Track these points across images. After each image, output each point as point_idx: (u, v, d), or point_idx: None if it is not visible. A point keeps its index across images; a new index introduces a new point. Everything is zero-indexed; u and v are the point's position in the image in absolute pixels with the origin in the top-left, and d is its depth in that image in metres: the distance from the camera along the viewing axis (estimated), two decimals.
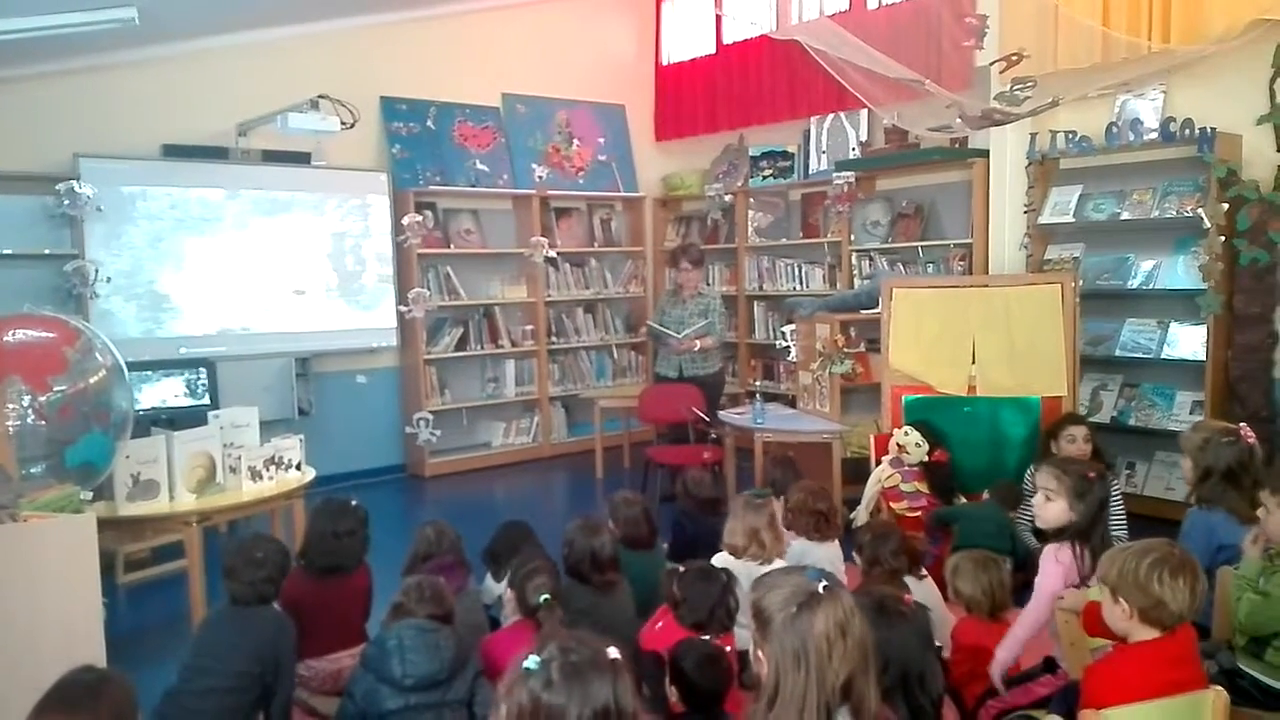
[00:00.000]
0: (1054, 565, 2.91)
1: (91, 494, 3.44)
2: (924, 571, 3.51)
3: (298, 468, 4.41)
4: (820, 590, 1.74)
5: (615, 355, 8.41)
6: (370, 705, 2.57)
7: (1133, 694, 2.10)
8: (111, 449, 3.56)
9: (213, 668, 2.85)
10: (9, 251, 5.60)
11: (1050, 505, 3.02)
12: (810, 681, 1.66)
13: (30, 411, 3.29)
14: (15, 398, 3.25)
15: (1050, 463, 3.24)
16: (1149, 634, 2.18)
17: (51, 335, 3.55)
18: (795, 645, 1.69)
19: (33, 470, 3.42)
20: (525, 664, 1.57)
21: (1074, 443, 4.50)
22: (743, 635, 2.77)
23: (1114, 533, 4.04)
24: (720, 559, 3.49)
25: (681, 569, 3.13)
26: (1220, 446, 3.41)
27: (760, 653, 1.76)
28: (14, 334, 3.47)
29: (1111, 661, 2.27)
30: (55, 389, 3.34)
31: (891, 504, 4.79)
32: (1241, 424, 3.65)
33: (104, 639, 3.22)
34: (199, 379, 5.86)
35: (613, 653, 1.63)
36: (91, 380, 3.48)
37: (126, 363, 3.87)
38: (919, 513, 4.69)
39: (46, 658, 3.05)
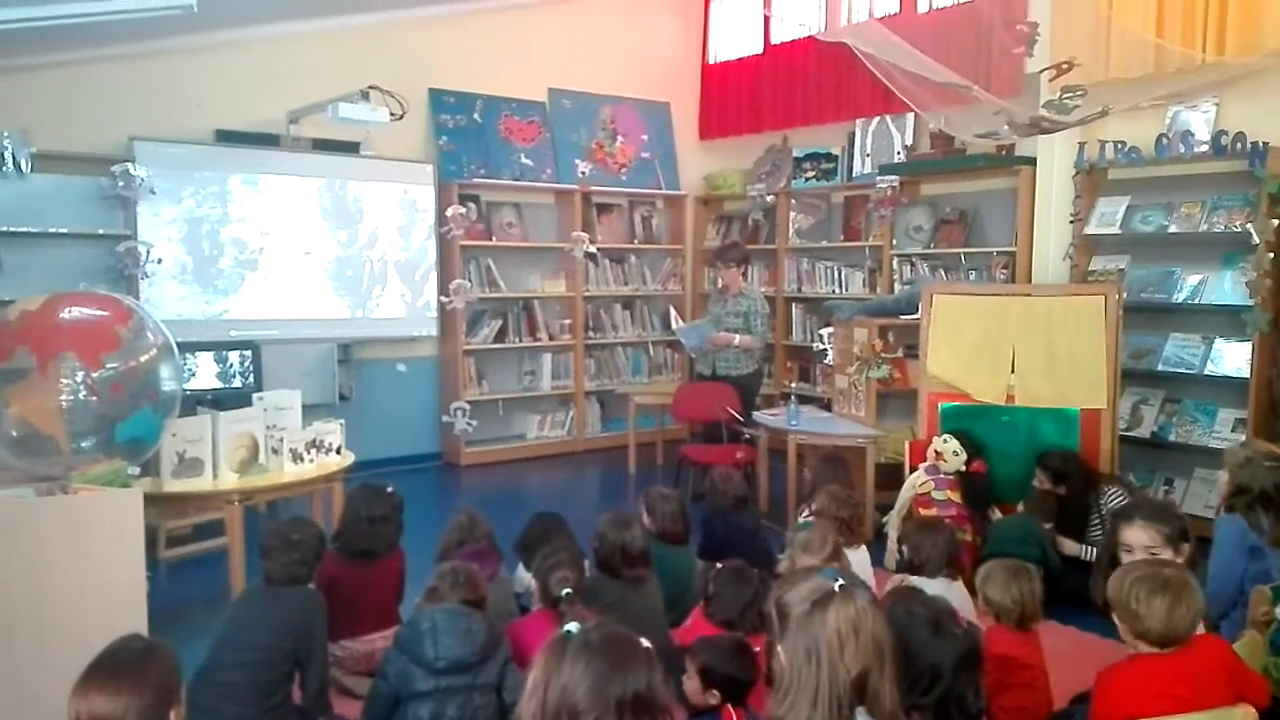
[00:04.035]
0: None
1: (139, 469, 3.53)
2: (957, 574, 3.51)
3: (338, 451, 4.48)
4: (836, 589, 1.77)
5: (651, 352, 8.44)
6: (402, 686, 2.62)
7: (1137, 703, 2.11)
8: (160, 426, 3.66)
9: (244, 641, 2.92)
10: (64, 230, 5.73)
11: None
12: (821, 675, 1.71)
13: (82, 387, 3.38)
14: (69, 373, 3.34)
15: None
16: (1149, 649, 2.25)
17: (105, 313, 3.65)
18: (808, 641, 1.75)
19: (83, 444, 3.52)
20: (562, 631, 1.61)
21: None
22: None
23: None
24: None
25: (719, 566, 3.15)
26: (1261, 468, 3.39)
27: (779, 647, 1.79)
28: (69, 311, 3.57)
29: (1118, 669, 2.29)
30: (108, 365, 3.43)
31: (922, 510, 4.78)
32: None
33: (146, 611, 3.31)
34: (244, 361, 5.98)
35: (644, 642, 1.67)
36: (143, 359, 3.57)
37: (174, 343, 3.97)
38: (948, 521, 4.67)
39: (91, 627, 3.12)
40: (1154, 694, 2.15)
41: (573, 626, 1.67)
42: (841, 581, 1.78)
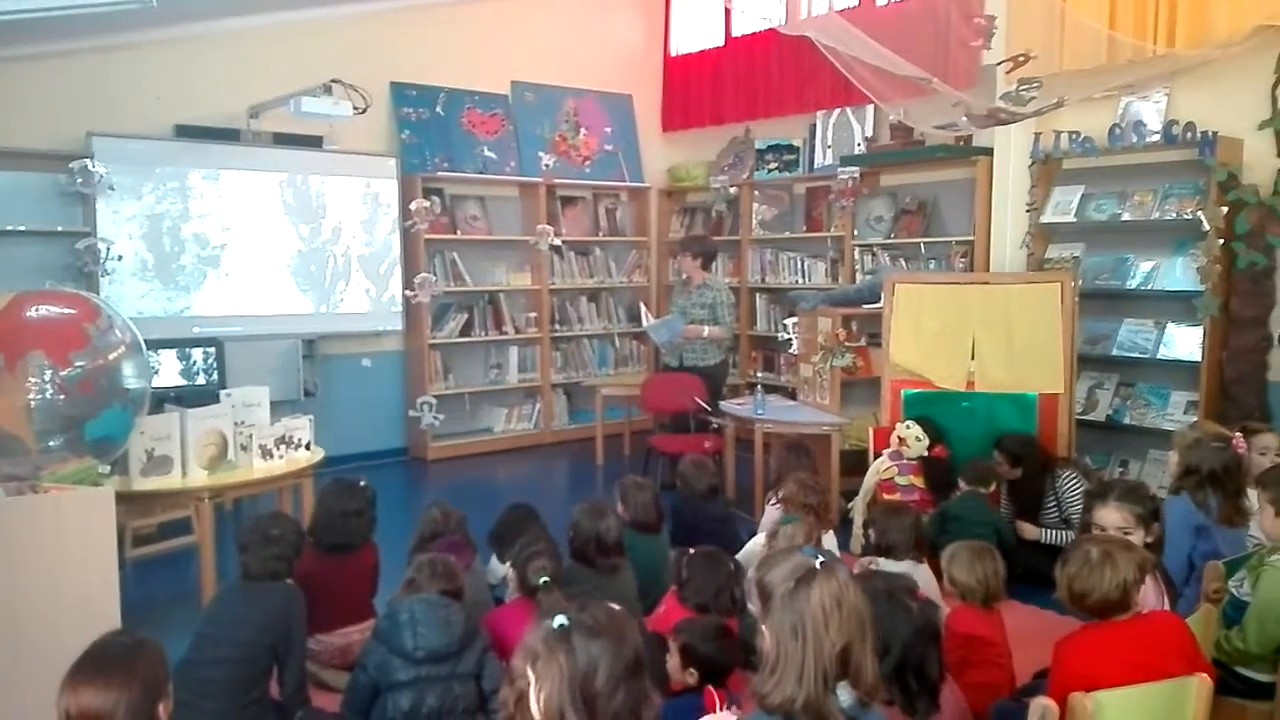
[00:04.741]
0: None
1: (109, 468, 3.51)
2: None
3: (307, 447, 4.48)
4: (817, 566, 1.83)
5: (617, 344, 8.49)
6: (382, 676, 2.65)
7: (1094, 670, 2.23)
8: (130, 424, 3.64)
9: (223, 637, 2.93)
10: (22, 228, 5.66)
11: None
12: (807, 650, 1.76)
13: (50, 385, 3.36)
14: (37, 371, 3.32)
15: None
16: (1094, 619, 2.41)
17: (73, 311, 3.62)
18: (793, 617, 1.79)
19: (50, 444, 3.49)
20: (555, 624, 1.64)
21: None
22: None
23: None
24: None
25: (691, 551, 3.21)
26: (1209, 449, 3.51)
27: (763, 626, 1.85)
28: (36, 309, 3.54)
29: (1074, 638, 2.40)
30: (76, 364, 3.41)
31: (886, 495, 4.87)
32: (1237, 433, 3.74)
33: (119, 609, 3.30)
34: (207, 359, 5.93)
35: (618, 607, 1.72)
36: (111, 356, 3.55)
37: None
38: (912, 505, 4.77)
39: (65, 626, 3.13)
40: (1110, 661, 2.24)
41: (561, 619, 1.67)
42: (821, 559, 1.83)
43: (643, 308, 6.92)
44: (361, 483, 3.72)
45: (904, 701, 2.43)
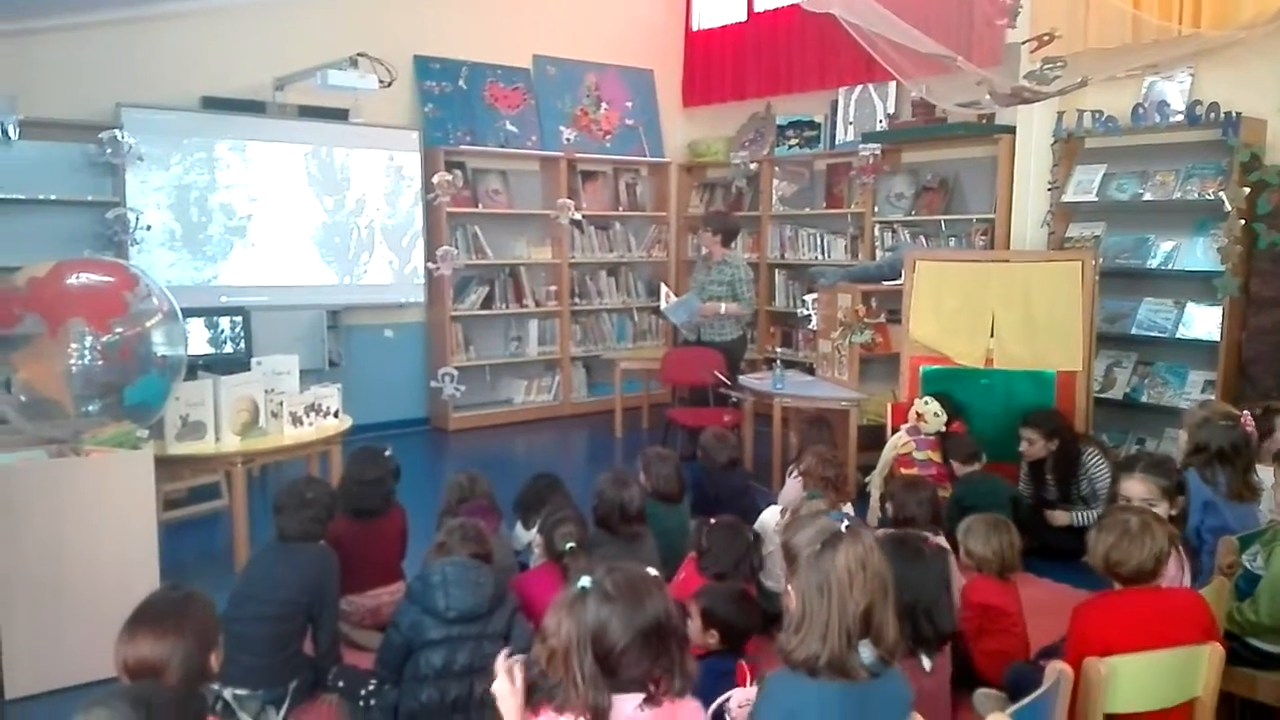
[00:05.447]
0: None
1: (147, 432, 3.61)
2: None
3: (336, 415, 4.57)
4: (843, 529, 1.91)
5: (636, 318, 8.55)
6: (415, 635, 2.74)
7: (1111, 634, 2.30)
8: (167, 390, 3.73)
9: (263, 596, 3.04)
10: (53, 197, 5.74)
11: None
12: (832, 609, 1.85)
13: (90, 352, 3.45)
14: (78, 338, 3.41)
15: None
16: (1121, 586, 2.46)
17: (112, 279, 3.71)
18: (819, 578, 1.88)
19: (89, 408, 3.59)
20: (580, 584, 1.74)
21: None
22: None
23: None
24: None
25: (712, 521, 3.29)
26: (1217, 428, 3.56)
27: (789, 586, 1.92)
28: (77, 277, 3.63)
29: (1093, 602, 2.47)
30: (115, 331, 3.50)
31: (903, 470, 4.93)
32: (1245, 412, 3.78)
33: (159, 568, 3.41)
34: (234, 327, 6.01)
35: (652, 571, 1.80)
36: (148, 324, 3.64)
37: None
38: (929, 479, 4.82)
39: (105, 584, 3.26)
40: (1126, 627, 2.30)
41: (585, 581, 1.78)
42: (847, 523, 1.91)
43: (662, 288, 6.96)
44: (387, 451, 3.81)
45: (913, 641, 2.50)
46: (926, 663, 2.50)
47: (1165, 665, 2.29)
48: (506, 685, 1.82)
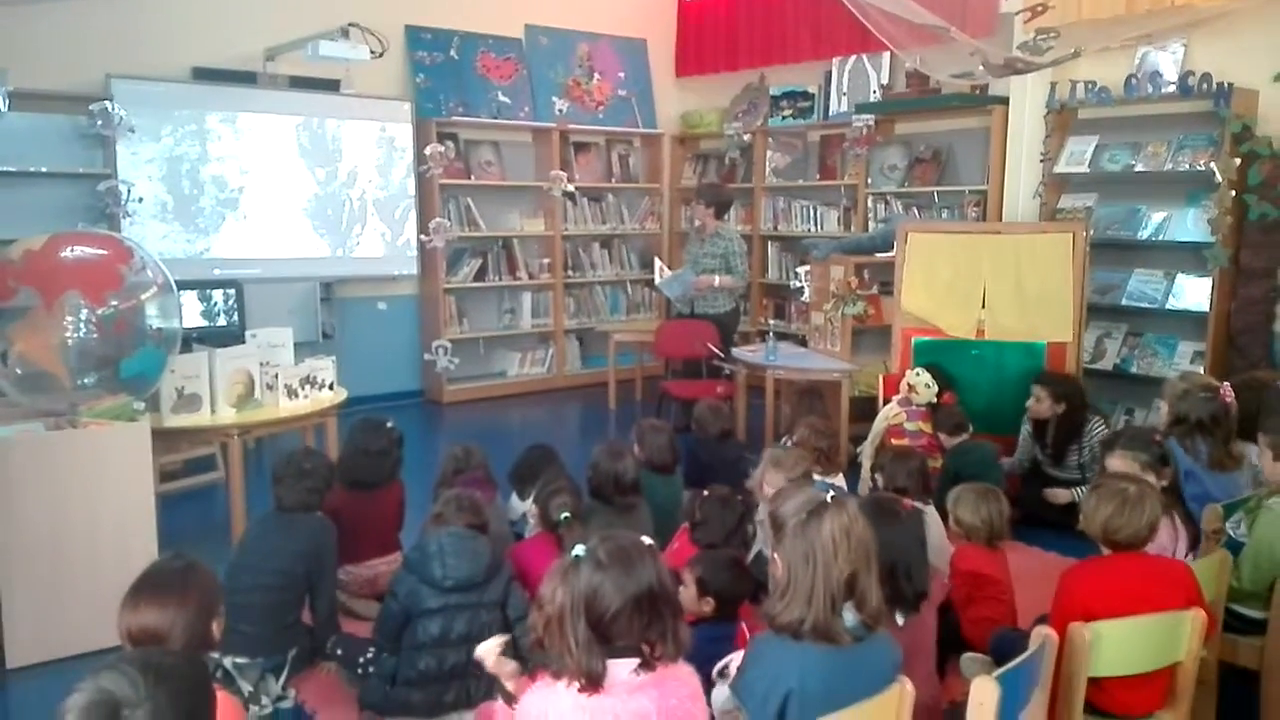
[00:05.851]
0: None
1: (143, 404, 3.63)
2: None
3: (331, 387, 4.59)
4: (829, 499, 1.95)
5: (629, 291, 8.56)
6: (412, 603, 2.78)
7: (1097, 599, 2.35)
8: (163, 363, 3.74)
9: (260, 566, 3.07)
10: (44, 170, 5.72)
11: None
12: (817, 576, 1.90)
13: (86, 325, 3.46)
14: (73, 311, 3.42)
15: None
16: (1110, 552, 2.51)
17: (107, 253, 3.71)
18: (805, 546, 1.93)
19: (85, 381, 3.60)
20: (574, 553, 1.77)
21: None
22: None
23: None
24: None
25: (705, 493, 3.33)
26: (1197, 400, 3.61)
27: (776, 554, 1.96)
28: (72, 250, 3.63)
29: (1080, 568, 2.52)
30: (110, 304, 3.51)
31: (894, 440, 4.97)
32: (1224, 383, 3.82)
33: (157, 539, 3.45)
34: (227, 300, 6.03)
35: (646, 540, 1.84)
36: (143, 297, 3.65)
37: None
38: (919, 450, 4.87)
39: (104, 554, 3.30)
40: (1112, 591, 2.35)
41: (579, 550, 1.82)
42: (833, 493, 1.94)
43: (657, 262, 6.95)
44: (389, 424, 3.83)
45: (891, 599, 2.54)
46: (900, 619, 2.54)
47: (1149, 630, 2.34)
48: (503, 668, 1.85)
